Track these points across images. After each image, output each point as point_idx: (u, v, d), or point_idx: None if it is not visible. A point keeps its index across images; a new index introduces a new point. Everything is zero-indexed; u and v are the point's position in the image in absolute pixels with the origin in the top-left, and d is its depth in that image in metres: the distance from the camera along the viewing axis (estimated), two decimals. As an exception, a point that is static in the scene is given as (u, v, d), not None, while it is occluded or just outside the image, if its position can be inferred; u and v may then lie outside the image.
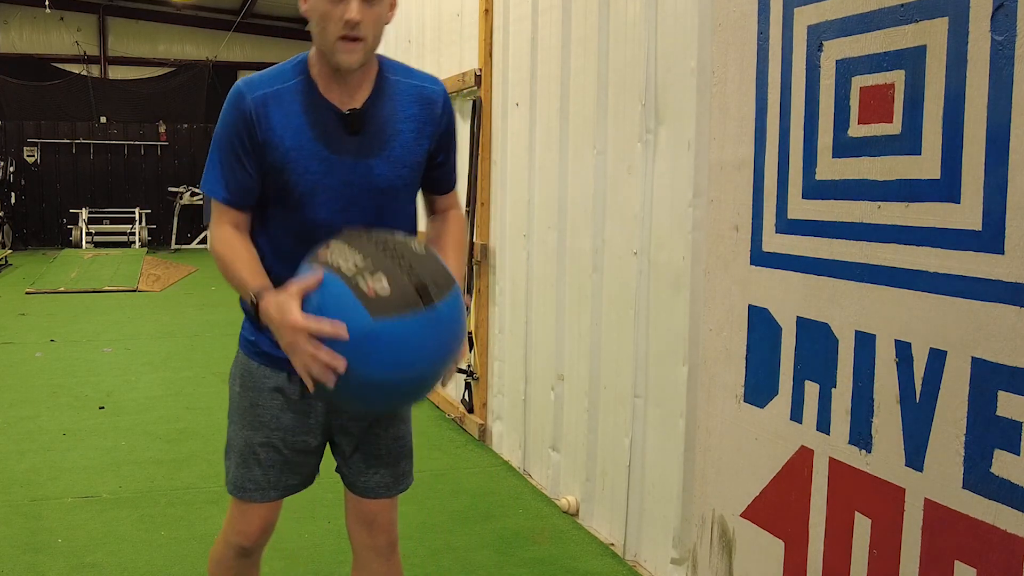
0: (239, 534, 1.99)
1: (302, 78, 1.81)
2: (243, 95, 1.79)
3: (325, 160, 1.79)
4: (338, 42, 1.71)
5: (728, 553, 2.55)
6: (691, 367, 2.80)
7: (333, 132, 1.79)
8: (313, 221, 1.81)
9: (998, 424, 1.71)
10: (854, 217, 2.04)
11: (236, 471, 1.97)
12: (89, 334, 7.51)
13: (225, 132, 1.81)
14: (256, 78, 1.84)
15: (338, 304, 1.58)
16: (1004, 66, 1.68)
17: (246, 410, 1.95)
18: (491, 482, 4.01)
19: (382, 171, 1.83)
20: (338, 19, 1.69)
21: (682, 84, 2.83)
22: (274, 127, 1.78)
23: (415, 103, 1.87)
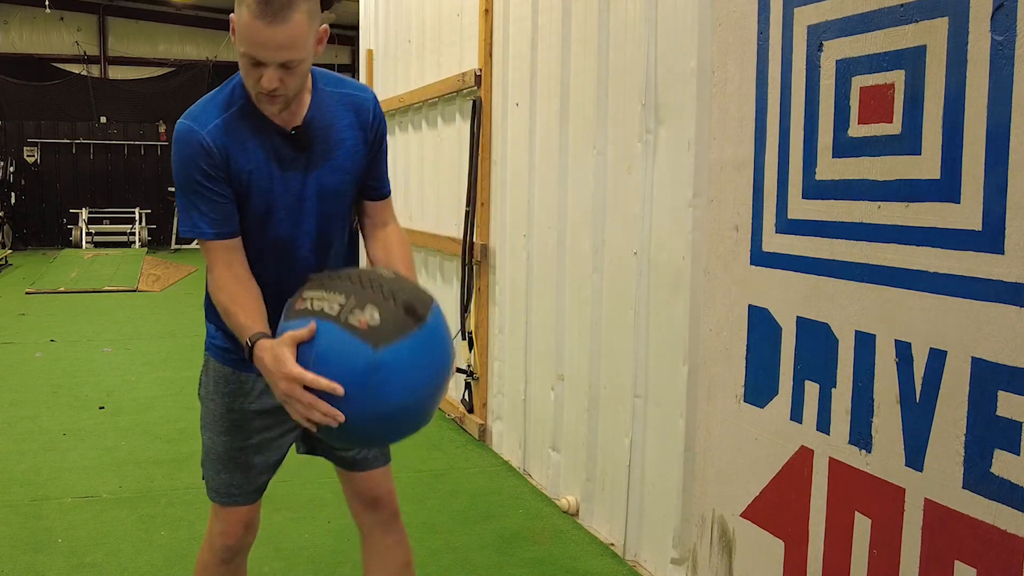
0: (224, 535, 2.02)
1: (243, 103, 1.84)
2: (195, 131, 1.81)
3: (279, 178, 1.85)
4: (258, 95, 1.76)
5: (728, 553, 2.55)
6: (691, 367, 2.80)
7: (282, 150, 1.85)
8: (272, 238, 1.88)
9: (998, 424, 1.71)
10: (854, 217, 2.04)
11: (219, 478, 2.00)
12: (89, 334, 7.51)
13: (188, 171, 1.82)
14: (199, 112, 1.85)
15: (337, 347, 1.58)
16: (1004, 66, 1.68)
17: (224, 416, 1.98)
18: (491, 482, 4.00)
19: (329, 180, 1.90)
20: (256, 80, 1.73)
21: (682, 84, 2.83)
22: (231, 155, 1.81)
23: (350, 111, 1.93)
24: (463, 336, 4.69)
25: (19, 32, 15.52)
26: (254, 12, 1.65)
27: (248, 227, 1.87)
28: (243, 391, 1.97)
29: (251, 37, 1.68)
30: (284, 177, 1.85)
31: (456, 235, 4.77)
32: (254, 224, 1.87)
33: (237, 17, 1.71)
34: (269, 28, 1.66)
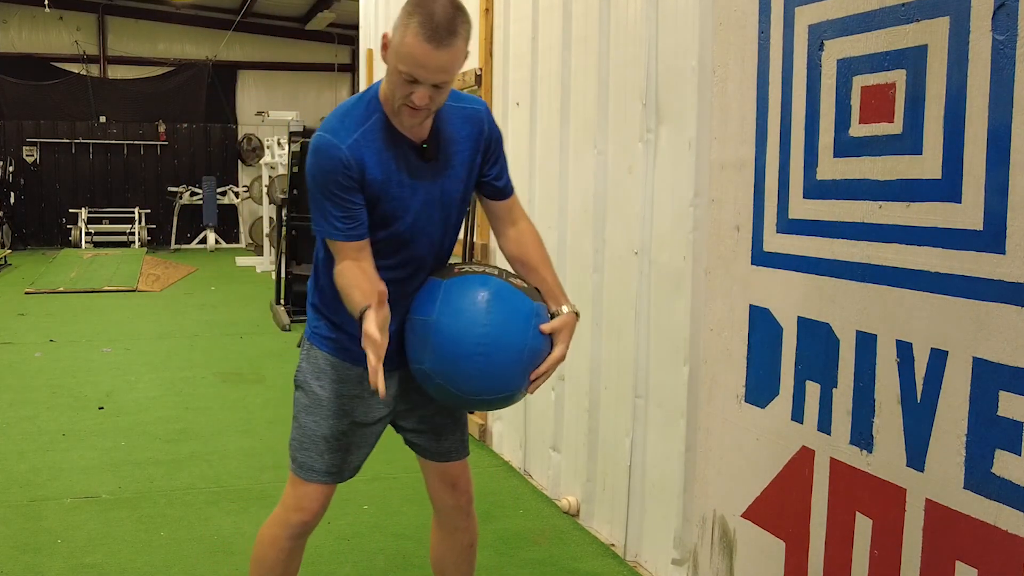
0: (303, 511, 2.18)
1: (378, 116, 2.00)
2: (335, 146, 1.96)
3: (408, 186, 2.03)
4: (403, 107, 1.91)
5: (729, 553, 2.55)
6: (692, 367, 2.80)
7: (412, 161, 2.03)
8: (398, 236, 2.06)
9: (999, 424, 1.71)
10: (855, 217, 2.03)
11: (321, 459, 2.16)
12: (88, 334, 7.51)
13: (326, 179, 1.97)
14: (338, 126, 1.99)
15: (507, 294, 2.00)
16: (1005, 66, 1.68)
17: (332, 400, 2.15)
18: (491, 482, 4.00)
19: (448, 187, 2.09)
20: (407, 95, 1.88)
21: (683, 84, 2.83)
22: (367, 167, 1.97)
23: (468, 124, 2.11)
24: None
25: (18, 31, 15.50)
26: (423, 36, 1.81)
27: (378, 226, 2.03)
28: (344, 377, 2.14)
29: (415, 58, 1.83)
30: (412, 185, 2.02)
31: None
32: (382, 223, 2.03)
33: (400, 37, 1.85)
34: (435, 52, 1.83)
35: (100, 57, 15.79)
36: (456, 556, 2.37)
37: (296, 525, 2.19)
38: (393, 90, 1.91)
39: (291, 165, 8.20)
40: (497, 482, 4.01)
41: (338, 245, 2.01)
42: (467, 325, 1.95)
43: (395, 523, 3.53)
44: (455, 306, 1.98)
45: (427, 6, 1.83)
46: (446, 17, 1.83)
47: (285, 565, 2.23)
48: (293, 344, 6.95)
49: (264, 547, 2.23)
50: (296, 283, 8.18)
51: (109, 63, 15.88)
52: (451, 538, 2.36)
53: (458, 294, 1.99)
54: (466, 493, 2.32)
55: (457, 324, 1.96)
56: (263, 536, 2.24)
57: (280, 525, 2.21)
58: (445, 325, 1.96)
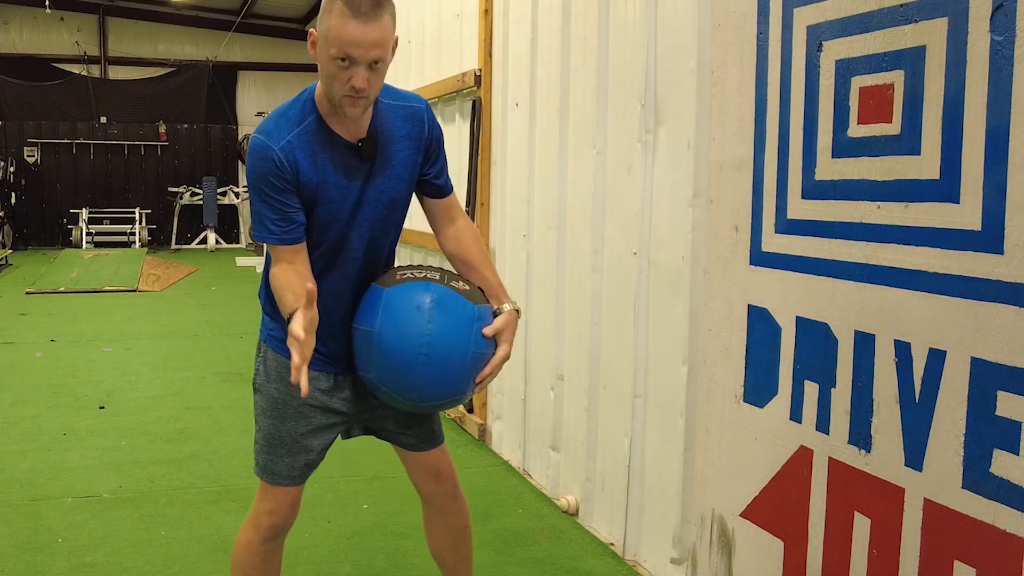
0: (273, 514, 2.17)
1: (313, 117, 1.99)
2: (268, 147, 1.95)
3: (345, 187, 2.01)
4: (344, 98, 1.90)
5: (728, 553, 2.55)
6: (691, 367, 2.80)
7: (348, 161, 2.01)
8: (337, 238, 2.05)
9: (997, 424, 1.71)
10: (853, 217, 2.04)
11: (281, 461, 2.15)
12: (89, 334, 7.51)
13: (259, 183, 1.97)
14: (272, 128, 1.99)
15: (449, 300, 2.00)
16: (1003, 66, 1.68)
17: (286, 403, 2.14)
18: (491, 482, 4.01)
19: (387, 187, 2.07)
20: (345, 81, 1.87)
21: (682, 84, 2.84)
22: (301, 168, 1.96)
23: (407, 122, 2.08)
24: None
25: (19, 32, 15.51)
26: (348, 13, 1.82)
27: (314, 230, 2.03)
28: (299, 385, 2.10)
29: (345, 37, 1.83)
30: (349, 186, 2.01)
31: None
32: (316, 226, 2.03)
33: (327, 23, 1.86)
34: (363, 27, 1.82)
35: (101, 58, 15.80)
36: (453, 541, 2.40)
37: (267, 528, 2.19)
38: (330, 82, 1.90)
39: (291, 165, 8.19)
40: (496, 481, 4.02)
41: (274, 249, 2.01)
42: (409, 335, 1.96)
43: (395, 522, 3.53)
44: (397, 316, 1.98)
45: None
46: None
47: (263, 568, 2.22)
48: (293, 344, 6.95)
49: (240, 551, 2.23)
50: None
51: (110, 64, 15.90)
52: (444, 523, 2.38)
53: (399, 303, 1.99)
54: (450, 479, 2.33)
55: (399, 334, 1.97)
56: (239, 540, 2.24)
57: (252, 529, 2.21)
58: (388, 336, 1.97)
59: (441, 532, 2.40)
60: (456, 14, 4.84)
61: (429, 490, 2.35)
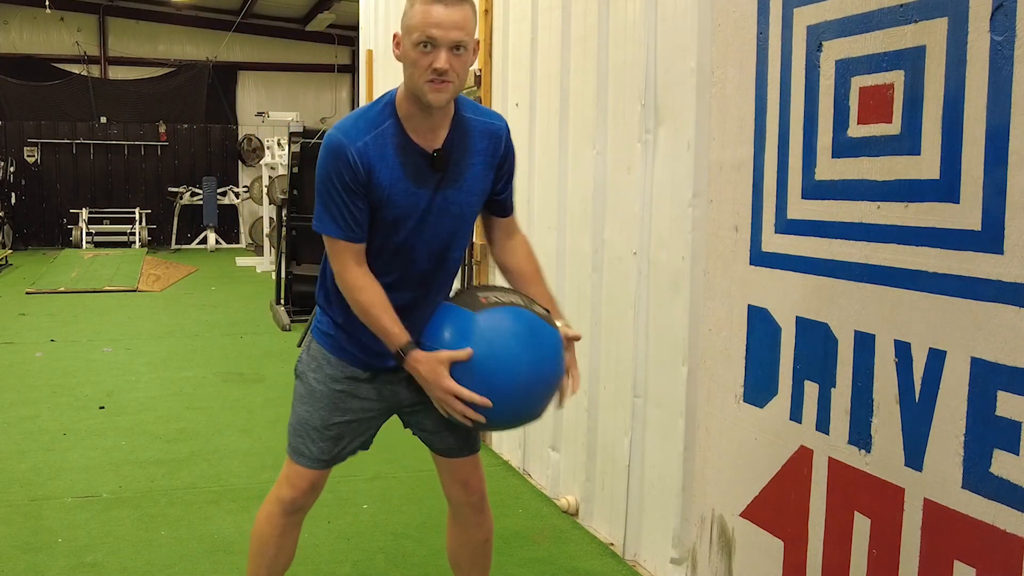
0: (293, 488, 2.26)
1: (392, 121, 2.03)
2: (344, 146, 2.00)
3: (414, 194, 2.05)
4: (427, 84, 1.94)
5: (727, 553, 2.55)
6: (691, 367, 2.80)
7: (420, 169, 2.04)
8: (397, 244, 2.09)
9: (997, 424, 1.71)
10: (853, 217, 2.04)
11: (312, 446, 2.23)
12: (89, 334, 7.51)
13: (332, 178, 2.01)
14: (351, 127, 2.03)
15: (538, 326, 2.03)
16: (1003, 66, 1.68)
17: (324, 394, 2.21)
18: (491, 482, 3.97)
19: (457, 199, 2.10)
20: (427, 66, 1.92)
21: (682, 84, 2.83)
22: (374, 170, 2.00)
23: (485, 138, 2.12)
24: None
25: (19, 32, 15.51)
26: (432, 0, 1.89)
27: (375, 230, 2.07)
28: (339, 375, 2.20)
29: (429, 19, 1.89)
30: (419, 193, 2.05)
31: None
32: (381, 228, 2.07)
33: (410, 13, 1.93)
34: (445, 9, 1.89)
35: (101, 58, 15.80)
36: (472, 552, 2.43)
37: (288, 501, 2.27)
38: (413, 71, 1.94)
39: (291, 166, 8.20)
40: (496, 481, 4.01)
41: (337, 244, 2.05)
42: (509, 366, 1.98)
43: (395, 522, 3.53)
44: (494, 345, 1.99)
45: None
46: None
47: (280, 541, 2.31)
48: (293, 344, 6.95)
49: (261, 523, 2.32)
50: (296, 283, 8.18)
51: (110, 64, 15.89)
52: (466, 534, 2.41)
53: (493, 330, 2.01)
54: (478, 491, 2.37)
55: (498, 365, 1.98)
56: (260, 513, 2.34)
57: (274, 501, 2.30)
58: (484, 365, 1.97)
59: (463, 541, 2.43)
60: (456, 14, 4.83)
61: (456, 498, 2.38)
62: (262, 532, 2.32)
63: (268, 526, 2.31)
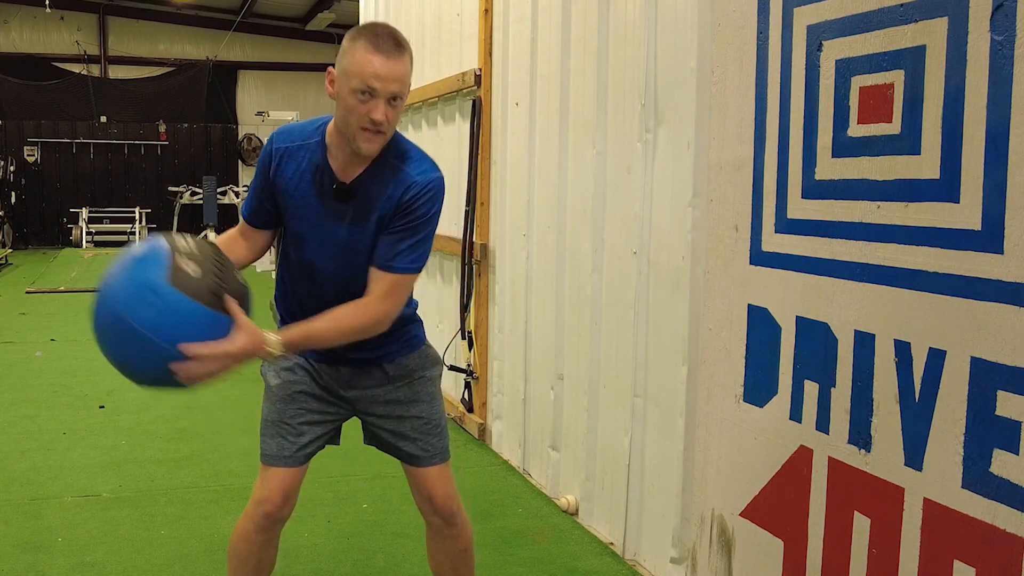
0: (265, 503, 2.22)
1: (318, 139, 2.11)
2: (272, 140, 2.16)
3: (317, 214, 2.11)
4: (360, 131, 1.98)
5: (727, 552, 2.55)
6: (690, 367, 2.80)
7: (328, 194, 2.10)
8: (308, 262, 2.16)
9: (997, 424, 1.71)
10: (853, 217, 2.04)
11: (272, 442, 2.25)
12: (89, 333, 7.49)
13: (257, 165, 2.20)
14: (288, 129, 2.17)
15: (152, 259, 1.89)
16: (1003, 66, 1.68)
17: (278, 386, 2.25)
18: (491, 481, 4.01)
19: (356, 237, 2.11)
20: (363, 114, 1.96)
21: (682, 84, 2.84)
22: (285, 175, 2.12)
23: (399, 186, 2.08)
24: (463, 336, 4.69)
25: (19, 32, 15.51)
26: (372, 48, 1.94)
27: (291, 243, 2.18)
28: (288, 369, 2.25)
29: (368, 70, 1.94)
30: (320, 213, 2.11)
31: (456, 235, 4.77)
32: (292, 240, 2.18)
33: (348, 58, 1.96)
34: (386, 61, 1.94)
35: (101, 57, 15.80)
36: (452, 562, 2.42)
37: (260, 517, 2.23)
38: (348, 116, 1.98)
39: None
40: (496, 481, 4.02)
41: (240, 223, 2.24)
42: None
43: (394, 522, 3.53)
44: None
45: (369, 29, 1.99)
46: (390, 33, 1.98)
47: (258, 558, 2.27)
48: (293, 344, 6.94)
49: (237, 541, 2.29)
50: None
51: (110, 63, 15.90)
52: (443, 545, 2.41)
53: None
54: (445, 507, 2.35)
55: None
56: (236, 530, 2.30)
57: (248, 518, 2.27)
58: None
59: (442, 553, 2.43)
60: (456, 13, 4.84)
61: (424, 510, 2.39)
62: (239, 550, 2.28)
63: (244, 543, 2.27)
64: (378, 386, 2.28)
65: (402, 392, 2.30)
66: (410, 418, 2.30)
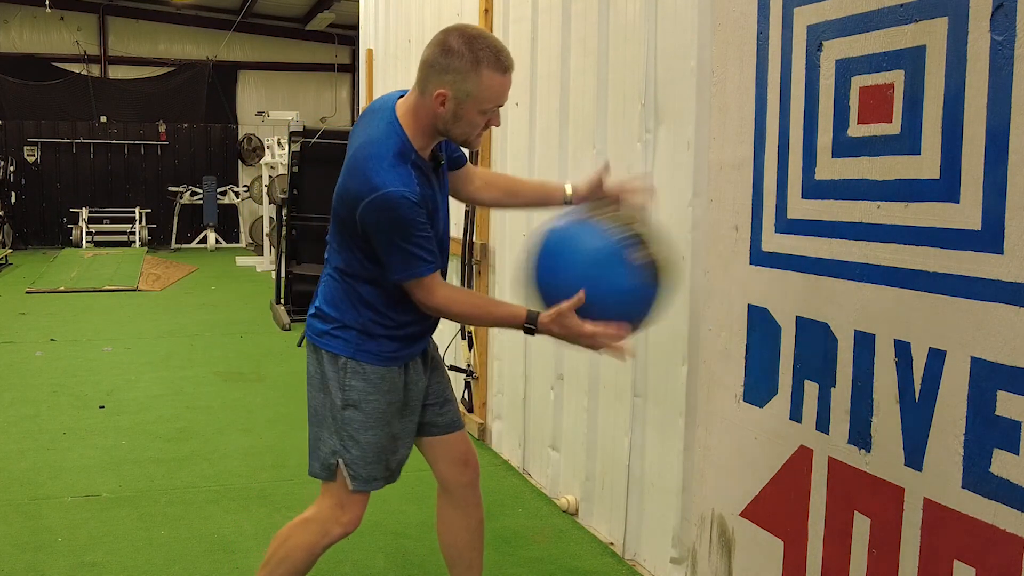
0: (347, 525, 2.27)
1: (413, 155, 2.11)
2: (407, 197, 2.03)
3: (439, 202, 2.21)
4: (476, 138, 2.12)
5: (727, 552, 2.55)
6: (691, 367, 2.80)
7: (432, 178, 2.19)
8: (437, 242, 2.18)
9: (997, 424, 1.71)
10: (853, 217, 2.04)
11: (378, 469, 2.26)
12: (89, 333, 7.51)
13: (407, 227, 2.05)
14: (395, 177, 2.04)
15: (606, 259, 2.05)
16: (1003, 66, 1.68)
17: (385, 412, 2.24)
18: (491, 481, 4.01)
19: (446, 181, 2.28)
20: (483, 123, 2.09)
21: (682, 84, 2.83)
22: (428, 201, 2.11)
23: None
24: (463, 335, 4.69)
25: (19, 32, 15.50)
26: (500, 70, 2.02)
27: None
28: (395, 386, 2.26)
29: (502, 91, 2.05)
30: (437, 196, 2.20)
31: (455, 234, 4.76)
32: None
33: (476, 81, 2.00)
34: (508, 77, 2.05)
35: (101, 57, 15.79)
36: (470, 535, 2.46)
37: (338, 537, 2.29)
38: (470, 129, 2.08)
39: (291, 165, 8.20)
40: (496, 481, 4.01)
41: (426, 281, 2.11)
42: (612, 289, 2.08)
43: (395, 521, 3.53)
44: (595, 279, 2.08)
45: (484, 44, 2.01)
46: (498, 46, 2.03)
47: (309, 567, 2.34)
48: (293, 343, 6.94)
49: (296, 551, 2.29)
50: (296, 283, 8.18)
51: (110, 63, 15.89)
52: (465, 518, 2.45)
53: (588, 264, 2.10)
54: (476, 467, 2.44)
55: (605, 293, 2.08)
56: (296, 541, 2.30)
57: (319, 535, 2.28)
58: (598, 299, 2.07)
59: (463, 526, 2.45)
60: (456, 14, 4.84)
61: (454, 479, 2.42)
62: (297, 560, 2.30)
63: (305, 554, 2.30)
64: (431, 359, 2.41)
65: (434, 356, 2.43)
66: (446, 380, 2.46)
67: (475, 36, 2.02)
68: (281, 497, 3.73)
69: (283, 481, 3.98)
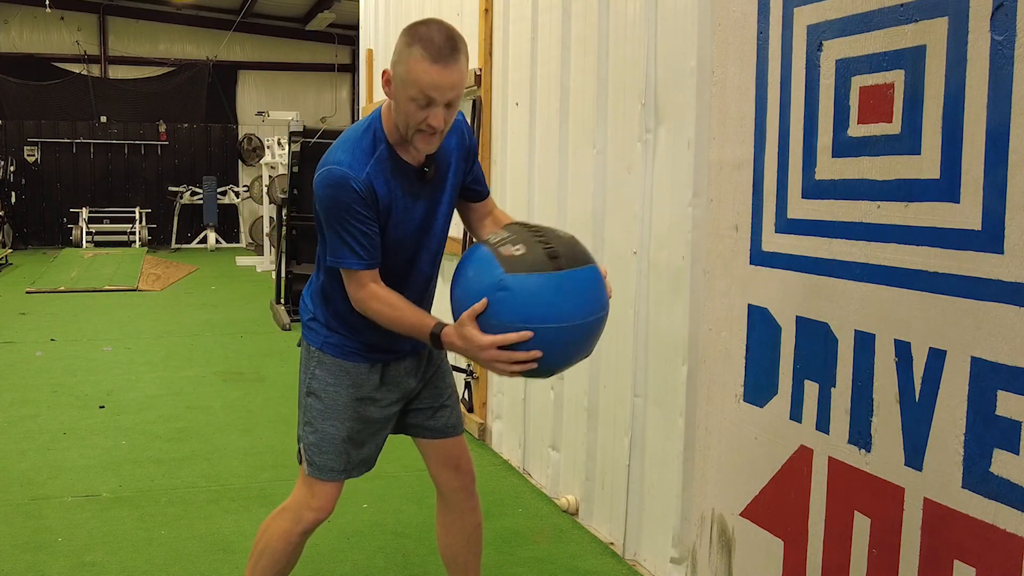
0: (319, 510, 2.28)
1: (383, 147, 2.08)
2: (350, 178, 2.01)
3: (410, 208, 2.13)
4: (418, 134, 2.00)
5: (727, 552, 2.55)
6: (691, 367, 2.80)
7: (413, 184, 2.12)
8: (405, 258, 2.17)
9: (997, 423, 1.71)
10: (854, 217, 2.04)
11: (340, 459, 2.26)
12: (89, 333, 7.51)
13: (344, 212, 2.03)
14: (349, 158, 2.04)
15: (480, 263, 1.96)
16: (1004, 66, 1.68)
17: (346, 405, 2.24)
18: (491, 481, 4.01)
19: (442, 199, 2.19)
20: (422, 119, 1.97)
21: (682, 84, 2.83)
22: (379, 197, 2.06)
23: (454, 134, 2.18)
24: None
25: (19, 32, 15.50)
26: (428, 57, 1.92)
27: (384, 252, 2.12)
28: (360, 382, 2.24)
29: (425, 80, 1.92)
30: (414, 206, 2.13)
31: (456, 234, 4.76)
32: (389, 249, 2.13)
33: (406, 66, 1.94)
34: (442, 71, 1.92)
35: (101, 57, 15.79)
36: (467, 539, 2.46)
37: (310, 522, 2.30)
38: (405, 119, 1.99)
39: (291, 165, 8.20)
40: (496, 481, 4.02)
41: (356, 275, 2.08)
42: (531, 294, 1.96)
43: (395, 521, 3.53)
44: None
45: (424, 33, 1.94)
46: (446, 35, 1.94)
47: (290, 556, 2.35)
48: (293, 343, 6.93)
49: (273, 540, 2.33)
50: (296, 282, 8.18)
51: (110, 63, 15.89)
52: (461, 521, 2.45)
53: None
54: (469, 473, 2.42)
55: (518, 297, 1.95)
56: (272, 530, 2.34)
57: (292, 521, 2.30)
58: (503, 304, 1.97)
59: (458, 530, 2.46)
60: (456, 13, 4.83)
61: (448, 483, 2.41)
62: (275, 549, 2.32)
63: (283, 543, 2.31)
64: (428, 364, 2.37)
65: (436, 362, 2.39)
66: (446, 387, 2.41)
67: (428, 23, 1.98)
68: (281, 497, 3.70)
69: (283, 481, 3.98)
